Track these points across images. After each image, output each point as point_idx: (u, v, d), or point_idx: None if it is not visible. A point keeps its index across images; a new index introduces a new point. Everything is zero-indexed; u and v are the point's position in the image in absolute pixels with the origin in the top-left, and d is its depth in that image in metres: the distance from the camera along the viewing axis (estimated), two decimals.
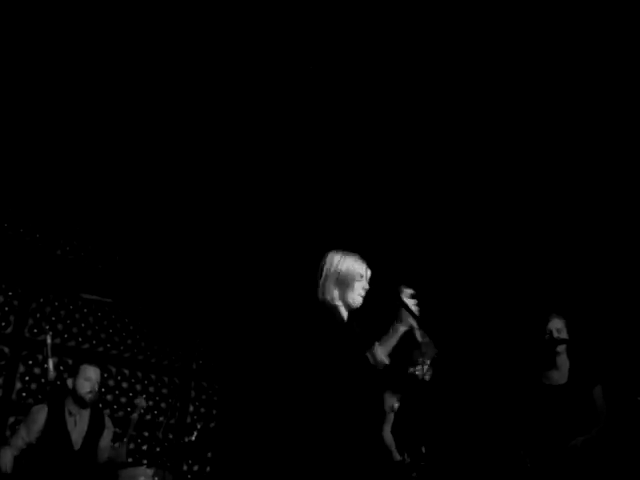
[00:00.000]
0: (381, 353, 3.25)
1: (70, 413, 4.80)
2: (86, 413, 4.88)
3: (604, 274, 5.31)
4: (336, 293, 3.33)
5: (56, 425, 4.72)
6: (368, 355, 3.26)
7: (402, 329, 3.25)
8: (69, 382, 4.86)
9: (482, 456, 5.14)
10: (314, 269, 5.57)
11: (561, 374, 4.49)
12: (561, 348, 4.46)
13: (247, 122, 5.36)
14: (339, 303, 3.33)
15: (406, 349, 3.50)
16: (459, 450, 4.82)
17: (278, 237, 6.26)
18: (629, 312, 5.15)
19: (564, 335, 4.46)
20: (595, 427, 4.33)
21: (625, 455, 4.60)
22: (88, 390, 4.81)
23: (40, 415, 4.72)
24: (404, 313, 3.23)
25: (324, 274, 3.37)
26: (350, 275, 3.34)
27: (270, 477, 3.08)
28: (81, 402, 4.81)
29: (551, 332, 4.47)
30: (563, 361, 4.51)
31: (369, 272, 3.41)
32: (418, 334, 3.31)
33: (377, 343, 3.27)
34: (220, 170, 5.84)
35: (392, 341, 3.26)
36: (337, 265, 3.37)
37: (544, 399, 4.43)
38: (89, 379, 4.84)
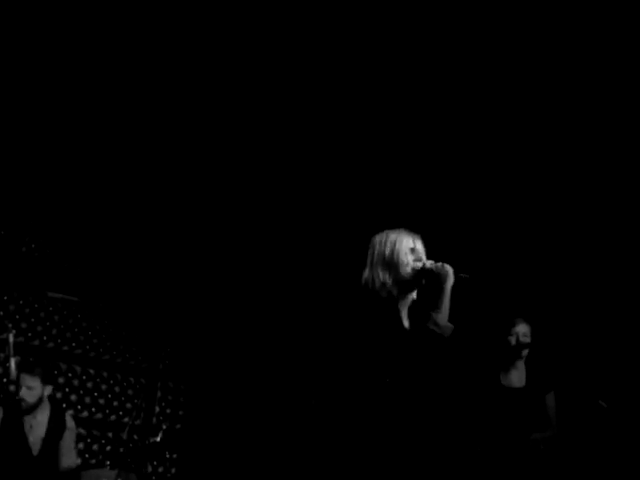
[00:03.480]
0: (442, 319, 2.88)
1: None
2: (45, 414, 4.77)
3: (565, 280, 5.37)
4: (387, 276, 2.91)
5: (11, 428, 4.59)
6: (430, 326, 2.88)
7: (449, 284, 2.90)
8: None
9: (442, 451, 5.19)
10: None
11: (519, 377, 4.55)
12: (525, 352, 4.54)
13: (236, 115, 5.34)
14: (392, 288, 2.91)
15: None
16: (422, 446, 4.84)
17: (243, 233, 6.23)
18: (588, 318, 5.23)
19: (529, 339, 4.53)
20: (548, 430, 4.43)
21: (587, 457, 4.68)
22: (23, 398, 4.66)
23: None
24: (441, 267, 2.91)
25: (369, 260, 2.99)
26: (396, 253, 2.95)
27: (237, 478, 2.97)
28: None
29: (517, 336, 4.54)
30: (522, 365, 4.57)
31: (420, 244, 3.02)
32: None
33: (433, 312, 2.90)
34: (187, 169, 5.82)
35: (446, 301, 2.91)
36: (381, 246, 2.99)
37: (502, 400, 4.50)
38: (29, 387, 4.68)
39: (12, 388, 4.81)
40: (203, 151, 5.72)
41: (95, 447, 5.96)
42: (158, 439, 4.98)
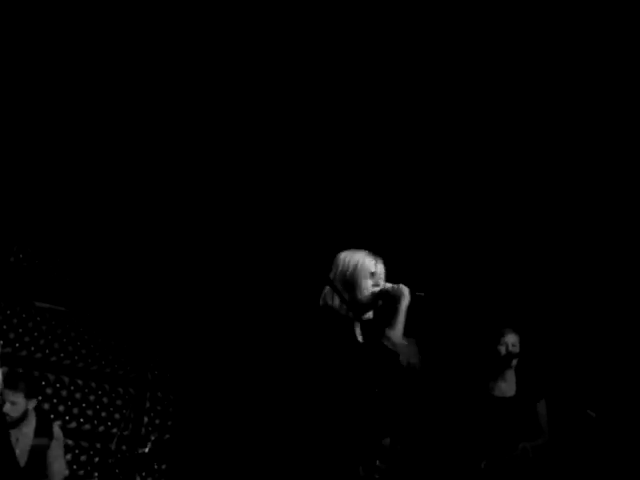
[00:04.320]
0: (396, 335, 2.96)
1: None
2: (31, 426, 4.75)
3: (554, 289, 5.40)
4: (345, 296, 2.97)
5: None
6: (385, 342, 2.95)
7: (405, 303, 2.99)
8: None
9: (433, 461, 5.18)
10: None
11: (509, 387, 4.59)
12: (514, 362, 4.56)
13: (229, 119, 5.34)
14: (348, 307, 2.98)
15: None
16: (412, 454, 4.83)
17: (235, 243, 6.23)
18: (577, 326, 5.25)
19: (517, 349, 4.57)
20: (539, 439, 4.45)
21: (576, 465, 4.70)
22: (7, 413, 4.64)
23: None
24: (397, 289, 3.00)
25: (331, 277, 3.04)
26: (357, 275, 3.02)
27: None
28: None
29: (507, 346, 4.57)
30: (512, 374, 4.61)
31: (381, 267, 3.09)
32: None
33: (387, 329, 2.98)
34: (171, 177, 5.82)
35: (401, 319, 2.99)
36: (343, 266, 3.05)
37: (492, 410, 4.52)
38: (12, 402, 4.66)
39: None
40: (186, 164, 5.73)
41: (83, 458, 5.92)
42: (147, 450, 4.95)
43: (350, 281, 3.02)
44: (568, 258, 5.36)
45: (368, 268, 3.04)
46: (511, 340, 4.58)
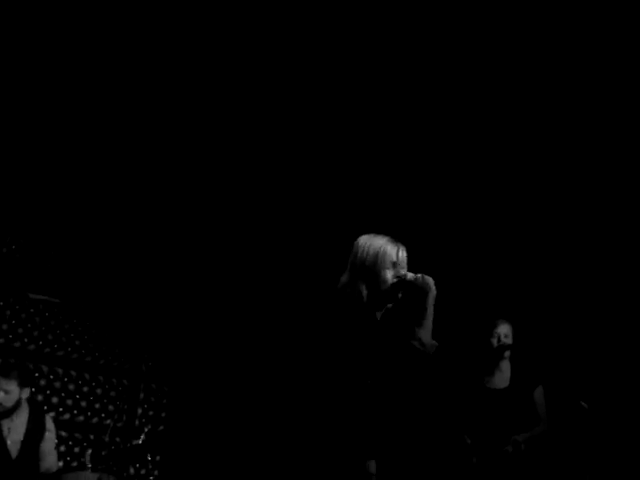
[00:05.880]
0: (426, 335, 2.78)
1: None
2: (23, 417, 4.71)
3: (547, 278, 5.39)
4: (364, 285, 2.80)
5: None
6: (414, 343, 2.78)
7: (431, 297, 2.80)
8: None
9: (428, 454, 5.18)
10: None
11: (503, 378, 4.58)
12: (507, 353, 4.56)
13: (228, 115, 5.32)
14: (367, 296, 2.81)
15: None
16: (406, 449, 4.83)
17: (225, 234, 6.22)
18: (572, 316, 5.25)
19: (510, 340, 4.56)
20: (537, 427, 4.45)
21: (568, 456, 4.70)
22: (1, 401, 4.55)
23: None
24: (422, 281, 2.81)
25: (349, 264, 2.87)
26: (378, 264, 2.81)
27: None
28: None
29: (499, 337, 4.56)
30: (506, 365, 4.61)
31: (403, 255, 2.87)
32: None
33: (416, 328, 2.80)
34: (169, 169, 5.80)
35: (430, 316, 2.81)
36: (363, 253, 2.84)
37: (487, 402, 4.51)
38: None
39: None
40: (182, 157, 5.72)
41: (77, 450, 5.91)
42: (140, 441, 4.94)
43: (371, 270, 2.81)
44: (563, 245, 5.35)
45: (390, 257, 2.83)
46: (503, 331, 4.57)
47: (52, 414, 5.64)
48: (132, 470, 6.00)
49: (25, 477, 4.58)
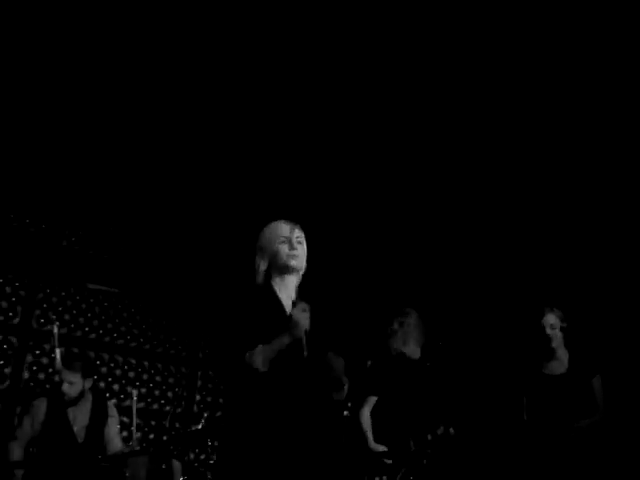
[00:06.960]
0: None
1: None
2: (87, 405, 4.89)
3: (602, 266, 5.32)
4: (261, 262, 3.10)
5: (56, 418, 4.74)
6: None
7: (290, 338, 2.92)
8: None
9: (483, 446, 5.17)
10: None
11: (561, 364, 4.56)
12: (556, 342, 4.53)
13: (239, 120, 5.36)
14: (267, 273, 3.10)
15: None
16: (461, 439, 4.82)
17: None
18: (628, 304, 5.17)
19: (558, 329, 4.53)
20: (595, 415, 4.41)
21: (625, 444, 4.64)
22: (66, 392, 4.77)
23: (41, 409, 4.75)
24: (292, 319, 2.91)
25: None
26: (268, 241, 3.10)
27: (276, 466, 2.91)
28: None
29: (544, 327, 4.55)
30: (562, 352, 4.59)
31: (298, 234, 3.12)
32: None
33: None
34: (217, 164, 5.86)
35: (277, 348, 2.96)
36: (261, 234, 3.17)
37: (544, 389, 4.49)
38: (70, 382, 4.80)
39: (57, 379, 4.92)
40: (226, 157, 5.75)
41: (138, 435, 6.06)
42: (200, 427, 5.04)
43: (264, 247, 3.11)
44: (624, 233, 5.27)
45: (282, 232, 3.09)
46: (550, 321, 4.56)
47: (114, 401, 5.79)
48: (192, 454, 6.13)
49: (92, 460, 4.76)
